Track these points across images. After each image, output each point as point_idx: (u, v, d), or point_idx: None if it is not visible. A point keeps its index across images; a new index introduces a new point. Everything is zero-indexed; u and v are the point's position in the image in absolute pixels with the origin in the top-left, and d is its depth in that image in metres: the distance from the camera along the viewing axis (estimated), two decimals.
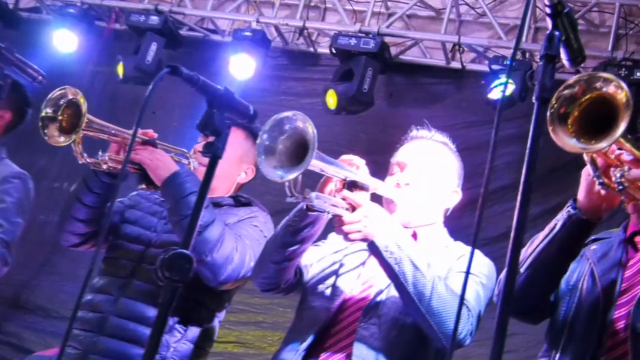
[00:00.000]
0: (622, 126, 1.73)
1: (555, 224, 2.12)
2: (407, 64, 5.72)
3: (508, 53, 5.23)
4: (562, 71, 4.64)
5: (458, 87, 5.35)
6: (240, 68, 5.69)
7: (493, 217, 5.11)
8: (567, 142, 1.78)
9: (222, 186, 3.06)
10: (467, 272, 1.90)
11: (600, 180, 1.93)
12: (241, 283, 2.88)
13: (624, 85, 1.75)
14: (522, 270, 2.12)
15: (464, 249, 2.53)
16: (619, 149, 1.93)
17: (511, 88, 4.96)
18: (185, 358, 2.82)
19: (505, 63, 5.00)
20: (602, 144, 1.76)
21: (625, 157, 1.92)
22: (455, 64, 5.56)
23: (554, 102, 1.81)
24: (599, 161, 1.97)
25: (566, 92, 1.82)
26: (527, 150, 1.55)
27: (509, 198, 5.18)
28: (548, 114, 1.80)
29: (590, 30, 5.50)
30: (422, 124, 2.80)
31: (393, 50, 5.64)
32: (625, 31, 5.27)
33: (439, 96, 5.55)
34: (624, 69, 4.87)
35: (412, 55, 5.72)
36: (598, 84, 1.80)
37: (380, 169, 2.71)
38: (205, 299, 2.90)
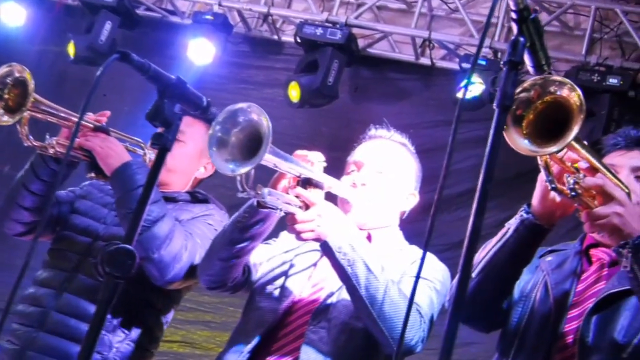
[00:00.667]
0: (574, 130, 1.81)
1: (508, 229, 2.18)
2: (375, 58, 5.79)
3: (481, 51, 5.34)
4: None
5: (426, 85, 5.44)
6: (199, 53, 5.69)
7: (456, 222, 5.21)
8: (519, 143, 1.87)
9: (179, 181, 3.06)
10: (418, 277, 1.97)
11: (553, 186, 2.00)
12: (191, 283, 2.89)
13: (577, 88, 1.84)
14: (473, 275, 2.18)
15: (419, 253, 2.59)
16: (581, 156, 2.02)
17: (480, 88, 5.05)
18: (128, 359, 2.82)
19: (475, 63, 5.08)
20: (553, 148, 1.84)
21: (582, 164, 2.01)
22: (425, 60, 5.65)
23: (512, 105, 1.88)
24: (555, 167, 2.05)
25: (523, 95, 1.90)
26: (485, 157, 1.60)
27: (473, 203, 5.29)
28: (510, 116, 1.87)
29: (564, 32, 5.63)
30: (388, 120, 2.86)
31: (361, 43, 5.70)
32: (600, 35, 5.41)
33: (406, 93, 5.63)
34: (596, 74, 5.00)
35: (380, 49, 5.79)
36: (552, 88, 1.88)
37: (342, 166, 2.77)
38: (152, 298, 2.91)
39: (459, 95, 5.07)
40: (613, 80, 4.94)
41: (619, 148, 2.48)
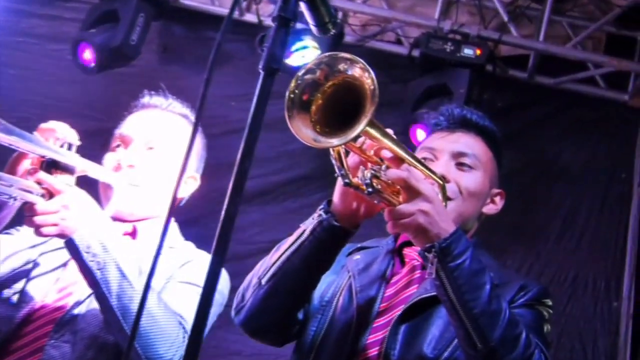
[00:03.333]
0: (362, 121, 1.84)
1: (304, 230, 2.21)
2: (190, 11, 5.74)
3: None
4: None
5: (253, 47, 5.41)
6: None
7: (283, 215, 5.27)
8: (303, 133, 1.88)
9: None
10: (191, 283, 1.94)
11: (346, 181, 2.03)
12: None
13: (370, 69, 1.87)
14: (263, 282, 2.20)
15: (194, 253, 2.58)
16: (383, 145, 2.05)
17: (315, 54, 5.10)
18: None
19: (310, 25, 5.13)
20: (334, 141, 1.87)
21: (385, 153, 2.06)
22: (251, 17, 5.64)
23: (293, 87, 1.91)
24: (354, 158, 2.08)
25: (308, 77, 1.93)
26: (246, 129, 1.60)
27: (307, 191, 5.38)
28: (287, 98, 1.89)
29: None
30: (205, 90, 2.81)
31: None
32: None
33: (228, 56, 5.59)
34: (450, 43, 5.19)
35: (197, 1, 5.74)
36: (341, 66, 1.92)
37: None
38: None
39: (290, 62, 5.09)
40: (468, 51, 5.15)
41: (441, 129, 2.59)
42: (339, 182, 2.13)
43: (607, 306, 5.15)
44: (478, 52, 5.14)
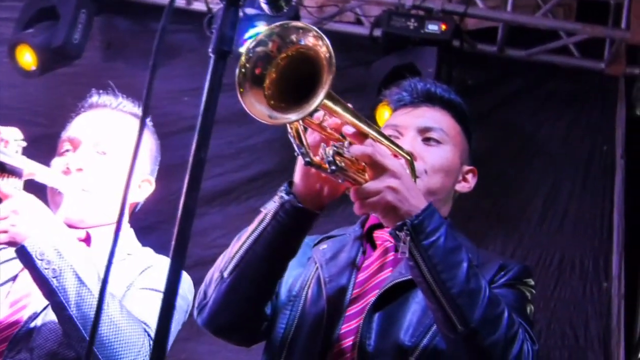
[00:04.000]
0: (321, 92, 1.84)
1: (265, 215, 2.21)
2: (133, 3, 5.71)
3: None
4: None
5: (203, 37, 5.40)
6: None
7: (247, 215, 5.26)
8: (257, 109, 1.89)
9: None
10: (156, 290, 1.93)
11: (307, 160, 2.03)
12: None
13: (324, 36, 1.87)
14: (225, 275, 2.20)
15: (153, 258, 2.59)
16: (344, 120, 2.06)
17: None
18: None
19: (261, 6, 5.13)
20: (292, 116, 1.87)
21: (347, 129, 2.05)
22: (199, 5, 5.64)
23: (244, 61, 1.91)
24: (314, 136, 2.09)
25: (259, 49, 1.93)
26: (200, 117, 1.61)
27: (271, 189, 5.37)
28: (237, 72, 1.90)
29: None
30: (155, 86, 2.80)
31: None
32: None
33: (177, 48, 5.58)
34: (413, 20, 5.22)
35: None
36: (294, 37, 1.92)
37: None
38: None
39: (243, 50, 5.09)
40: (433, 27, 5.17)
41: (404, 104, 2.61)
42: (299, 161, 2.13)
43: (597, 287, 5.19)
44: (443, 27, 5.16)
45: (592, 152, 5.43)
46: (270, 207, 2.21)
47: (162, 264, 2.56)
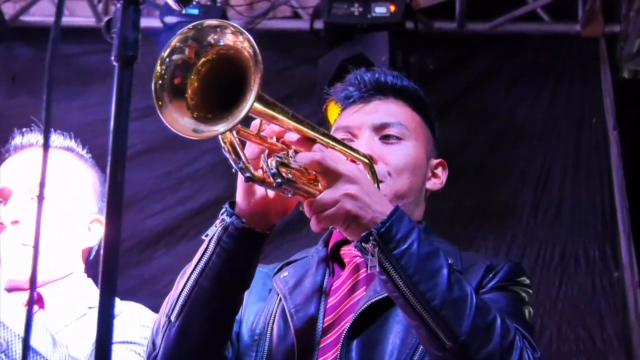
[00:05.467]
0: (250, 95, 1.83)
1: (208, 243, 2.20)
2: (35, 29, 5.74)
3: None
4: None
5: None
6: None
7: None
8: (179, 123, 1.89)
9: None
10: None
11: (247, 175, 1.99)
12: None
13: (243, 31, 1.87)
14: (172, 319, 2.19)
15: (119, 306, 2.57)
16: (285, 126, 2.08)
17: None
18: None
19: (184, 13, 5.14)
20: (220, 127, 1.86)
21: (289, 136, 2.06)
22: None
23: (160, 72, 1.92)
24: (252, 147, 2.10)
25: (176, 57, 1.93)
26: (111, 135, 1.61)
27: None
28: (154, 86, 1.90)
29: None
30: (67, 118, 2.82)
31: (8, 10, 5.64)
32: None
33: (93, 73, 5.59)
34: (357, 5, 5.22)
35: (38, 15, 5.75)
36: (211, 38, 1.93)
37: None
38: None
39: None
40: (380, 10, 5.20)
41: (353, 101, 2.61)
42: (240, 178, 2.13)
43: (608, 279, 5.21)
44: (392, 8, 5.19)
45: (580, 127, 5.48)
46: (212, 233, 2.19)
47: (130, 310, 2.58)
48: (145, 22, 5.60)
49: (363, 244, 2.04)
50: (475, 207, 5.14)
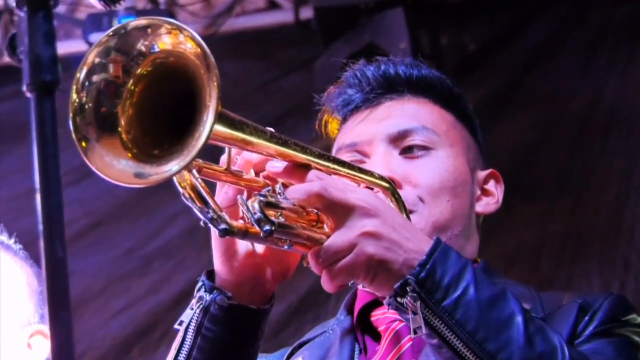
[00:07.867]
0: (206, 114, 1.80)
1: (185, 333, 2.20)
2: None
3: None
4: None
5: None
6: None
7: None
8: (113, 168, 1.85)
9: None
10: None
11: (222, 227, 1.94)
12: None
13: (183, 27, 1.85)
14: None
15: None
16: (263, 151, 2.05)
17: None
18: None
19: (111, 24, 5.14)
20: (172, 166, 1.83)
21: (273, 166, 2.07)
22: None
23: (79, 99, 1.88)
24: (224, 190, 2.10)
25: (97, 78, 1.88)
26: (39, 198, 1.62)
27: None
28: (72, 122, 1.87)
29: None
30: None
31: None
32: None
33: (2, 128, 5.67)
34: None
35: None
36: (141, 45, 1.89)
37: None
38: None
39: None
40: None
41: (356, 108, 2.60)
42: (213, 234, 2.12)
43: None
44: None
45: None
46: (187, 319, 2.19)
47: None
48: (64, 46, 5.78)
49: (399, 299, 2.01)
50: (564, 230, 5.10)
